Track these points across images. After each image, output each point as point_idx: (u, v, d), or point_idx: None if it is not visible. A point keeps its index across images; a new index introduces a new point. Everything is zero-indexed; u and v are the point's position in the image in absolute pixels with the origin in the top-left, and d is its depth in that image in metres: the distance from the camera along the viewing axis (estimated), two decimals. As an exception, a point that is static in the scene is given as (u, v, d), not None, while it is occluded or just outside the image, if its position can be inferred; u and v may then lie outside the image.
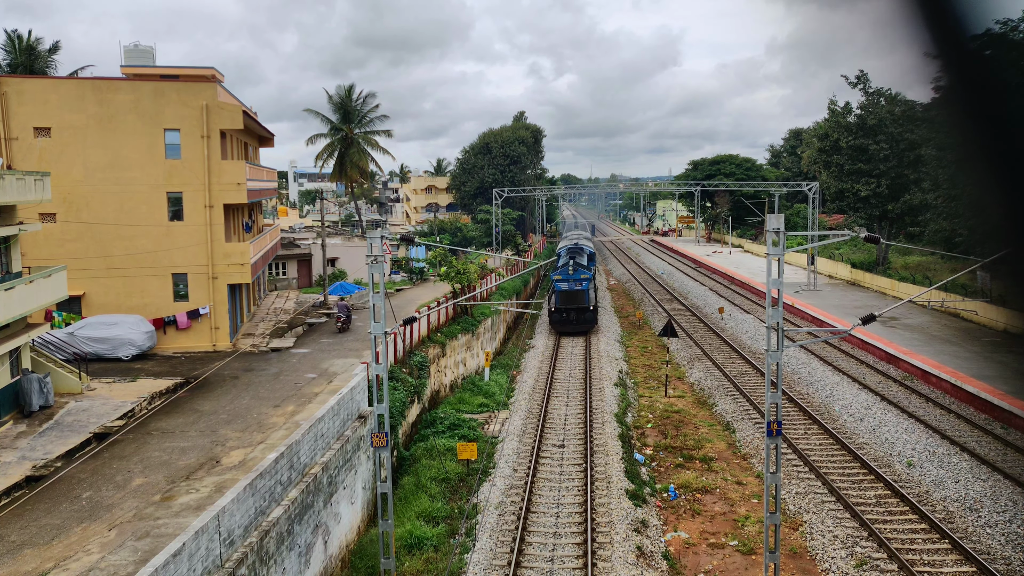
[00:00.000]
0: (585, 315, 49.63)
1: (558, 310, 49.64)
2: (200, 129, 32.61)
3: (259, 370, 29.67)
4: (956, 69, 1.73)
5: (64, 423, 22.69)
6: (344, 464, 21.72)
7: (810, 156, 73.26)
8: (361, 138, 74.05)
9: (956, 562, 19.53)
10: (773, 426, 17.93)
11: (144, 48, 39.94)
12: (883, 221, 62.20)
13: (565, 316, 49.52)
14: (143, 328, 31.39)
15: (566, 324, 49.68)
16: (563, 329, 49.80)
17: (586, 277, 49.59)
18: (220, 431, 22.12)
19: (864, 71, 61.59)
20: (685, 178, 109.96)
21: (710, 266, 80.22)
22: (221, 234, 33.43)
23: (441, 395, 36.19)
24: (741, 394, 35.06)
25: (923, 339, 40.15)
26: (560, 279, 49.59)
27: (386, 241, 19.46)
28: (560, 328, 49.81)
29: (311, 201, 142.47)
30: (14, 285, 22.42)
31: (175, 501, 17.09)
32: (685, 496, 24.83)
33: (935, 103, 1.87)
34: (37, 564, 14.17)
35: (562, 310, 49.56)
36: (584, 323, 49.67)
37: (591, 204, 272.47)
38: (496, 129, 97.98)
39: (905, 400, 32.00)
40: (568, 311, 49.49)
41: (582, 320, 49.56)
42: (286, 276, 57.02)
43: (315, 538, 18.89)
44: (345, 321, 37.45)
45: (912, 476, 24.97)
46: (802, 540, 21.41)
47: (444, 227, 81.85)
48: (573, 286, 49.20)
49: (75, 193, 31.93)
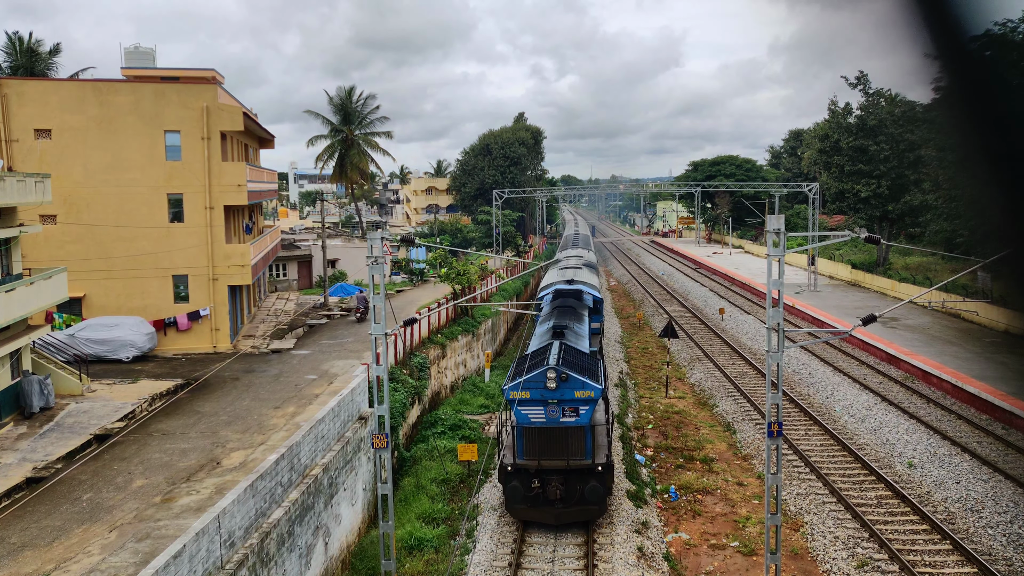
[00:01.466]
0: (585, 488, 21.22)
1: (519, 471, 21.42)
2: (200, 131, 32.62)
3: (259, 371, 29.67)
4: (956, 70, 1.73)
5: (65, 424, 22.68)
6: (344, 465, 21.71)
7: (810, 157, 73.30)
8: (361, 139, 74.09)
9: (957, 563, 19.52)
10: (774, 427, 17.92)
11: (144, 50, 39.97)
12: (883, 222, 62.19)
13: (538, 491, 21.27)
14: (143, 330, 31.39)
15: (539, 507, 21.35)
16: (531, 517, 21.55)
17: (589, 383, 21.36)
18: (221, 432, 22.11)
19: (864, 72, 61.64)
20: (685, 179, 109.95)
21: (710, 267, 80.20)
22: (221, 235, 33.43)
23: (442, 396, 36.19)
24: (742, 395, 35.04)
25: (924, 340, 40.13)
26: (532, 382, 21.28)
27: (386, 242, 19.47)
28: (525, 515, 21.54)
29: (311, 202, 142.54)
30: (15, 287, 22.42)
31: (176, 502, 17.09)
32: (686, 497, 24.81)
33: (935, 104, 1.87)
34: (38, 566, 14.17)
35: (531, 474, 21.39)
36: (583, 503, 21.32)
37: (591, 205, 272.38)
38: (496, 130, 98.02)
39: (906, 401, 31.98)
40: (547, 480, 21.31)
41: (578, 498, 21.32)
42: (286, 277, 57.03)
43: (316, 539, 18.88)
44: (363, 312, 39.49)
45: (913, 477, 24.95)
46: (803, 541, 21.39)
47: (444, 228, 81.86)
48: (557, 416, 21.40)
49: (75, 195, 31.94)
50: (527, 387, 21.12)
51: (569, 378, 21.02)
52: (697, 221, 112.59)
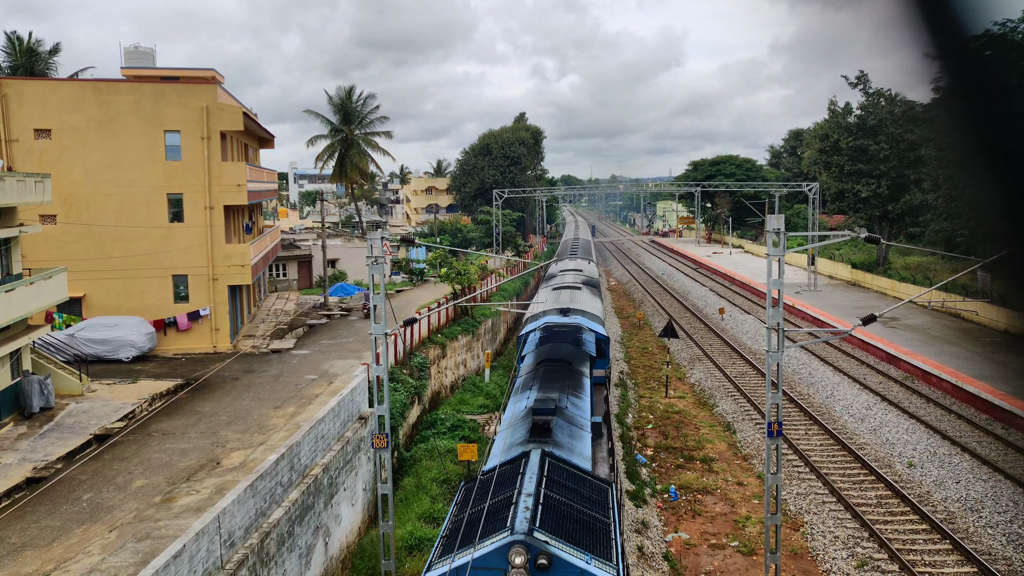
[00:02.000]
0: None
1: None
2: (200, 130, 32.62)
3: (259, 371, 29.67)
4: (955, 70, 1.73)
5: (65, 425, 22.68)
6: (344, 465, 21.71)
7: (810, 157, 73.29)
8: (361, 139, 74.08)
9: (957, 563, 19.52)
10: (774, 427, 17.92)
11: (144, 50, 39.96)
12: (883, 221, 62.19)
13: None
14: (143, 330, 31.39)
15: None
16: None
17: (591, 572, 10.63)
18: (220, 432, 22.11)
19: (864, 72, 61.64)
20: (685, 179, 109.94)
21: (710, 267, 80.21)
22: (221, 235, 33.43)
23: (442, 396, 36.18)
24: (742, 395, 35.05)
25: (924, 339, 40.13)
26: (484, 570, 10.54)
27: (386, 242, 19.47)
28: None
29: (311, 202, 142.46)
30: (15, 287, 22.42)
31: (176, 502, 17.09)
32: (686, 497, 24.82)
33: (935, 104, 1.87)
34: (38, 566, 14.17)
35: None
36: None
37: (591, 205, 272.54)
38: (496, 130, 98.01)
39: (906, 400, 31.98)
40: None
41: None
42: (286, 277, 57.02)
43: (316, 539, 18.88)
44: None
45: (913, 477, 24.95)
46: (803, 541, 21.40)
47: (444, 228, 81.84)
48: None
49: (75, 195, 31.94)
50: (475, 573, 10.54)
51: (554, 563, 10.45)
52: (697, 221, 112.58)
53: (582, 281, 35.75)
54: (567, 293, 31.49)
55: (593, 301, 31.72)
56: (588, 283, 36.21)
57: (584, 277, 38.10)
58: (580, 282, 35.48)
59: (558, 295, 31.44)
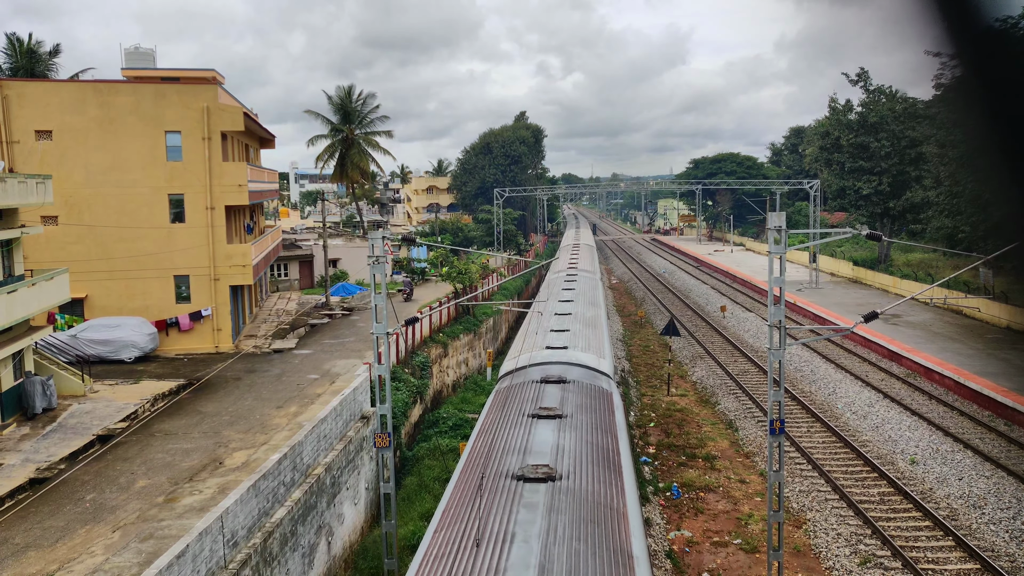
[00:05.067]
0: None
1: None
2: (201, 131, 32.63)
3: (261, 371, 29.69)
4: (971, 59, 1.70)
5: (67, 425, 22.71)
6: (347, 465, 21.73)
7: (812, 154, 73.24)
8: (362, 139, 74.03)
9: (960, 559, 19.51)
10: (776, 424, 17.92)
11: (144, 51, 39.98)
12: (885, 218, 62.14)
13: None
14: (145, 330, 31.41)
15: None
16: None
17: None
18: (223, 432, 22.13)
19: (865, 69, 61.59)
20: (686, 177, 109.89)
21: (712, 264, 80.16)
22: (223, 236, 33.45)
23: (444, 395, 36.20)
24: (744, 392, 35.03)
25: (926, 336, 40.10)
26: None
27: (387, 241, 19.46)
28: None
29: (312, 202, 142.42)
30: (17, 288, 22.45)
31: (178, 502, 17.11)
32: (688, 495, 24.82)
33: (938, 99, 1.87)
34: (41, 566, 14.19)
35: None
36: None
37: (592, 203, 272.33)
38: (497, 129, 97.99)
39: (908, 397, 31.96)
40: None
41: None
42: (288, 277, 57.03)
43: (318, 539, 18.90)
44: (409, 294, 46.62)
45: (915, 473, 24.94)
46: (805, 538, 21.39)
47: (445, 227, 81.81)
48: None
49: (77, 196, 31.96)
50: None
51: None
52: (698, 219, 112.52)
53: (585, 310, 29.77)
54: (561, 337, 23.64)
55: (594, 336, 25.52)
56: (589, 304, 31.30)
57: (588, 298, 32.92)
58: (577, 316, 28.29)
59: (548, 339, 23.48)
